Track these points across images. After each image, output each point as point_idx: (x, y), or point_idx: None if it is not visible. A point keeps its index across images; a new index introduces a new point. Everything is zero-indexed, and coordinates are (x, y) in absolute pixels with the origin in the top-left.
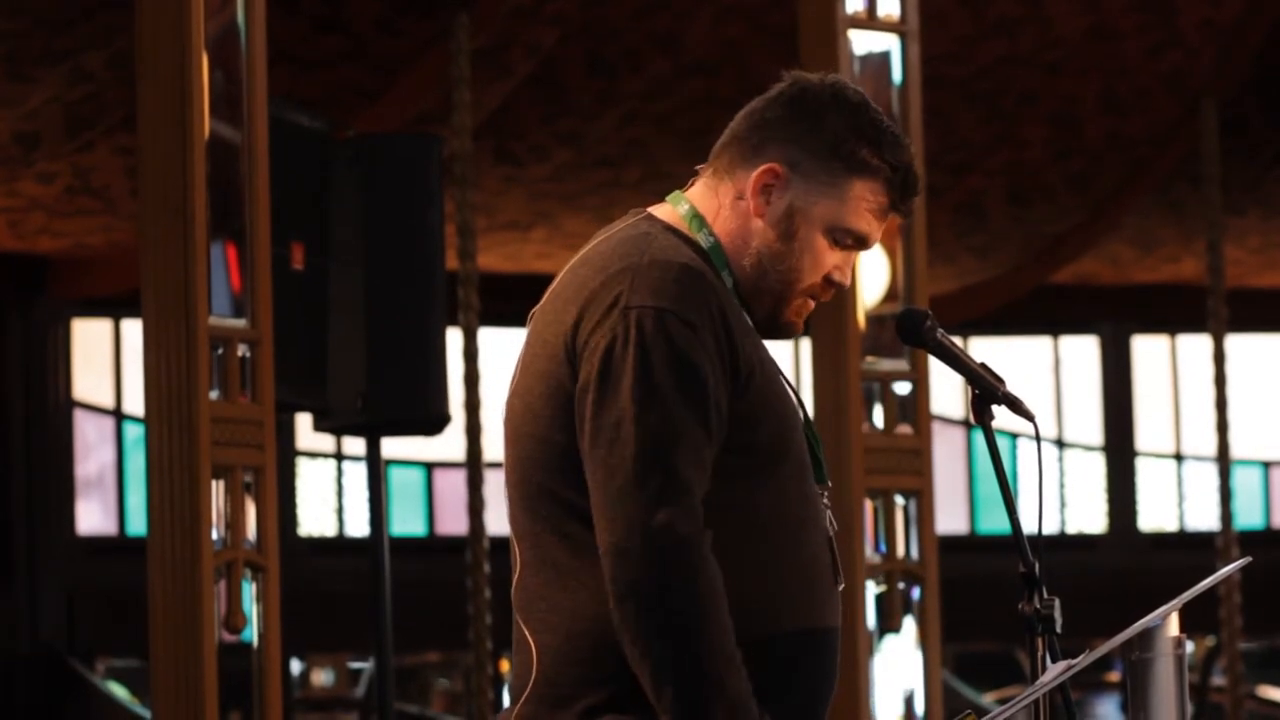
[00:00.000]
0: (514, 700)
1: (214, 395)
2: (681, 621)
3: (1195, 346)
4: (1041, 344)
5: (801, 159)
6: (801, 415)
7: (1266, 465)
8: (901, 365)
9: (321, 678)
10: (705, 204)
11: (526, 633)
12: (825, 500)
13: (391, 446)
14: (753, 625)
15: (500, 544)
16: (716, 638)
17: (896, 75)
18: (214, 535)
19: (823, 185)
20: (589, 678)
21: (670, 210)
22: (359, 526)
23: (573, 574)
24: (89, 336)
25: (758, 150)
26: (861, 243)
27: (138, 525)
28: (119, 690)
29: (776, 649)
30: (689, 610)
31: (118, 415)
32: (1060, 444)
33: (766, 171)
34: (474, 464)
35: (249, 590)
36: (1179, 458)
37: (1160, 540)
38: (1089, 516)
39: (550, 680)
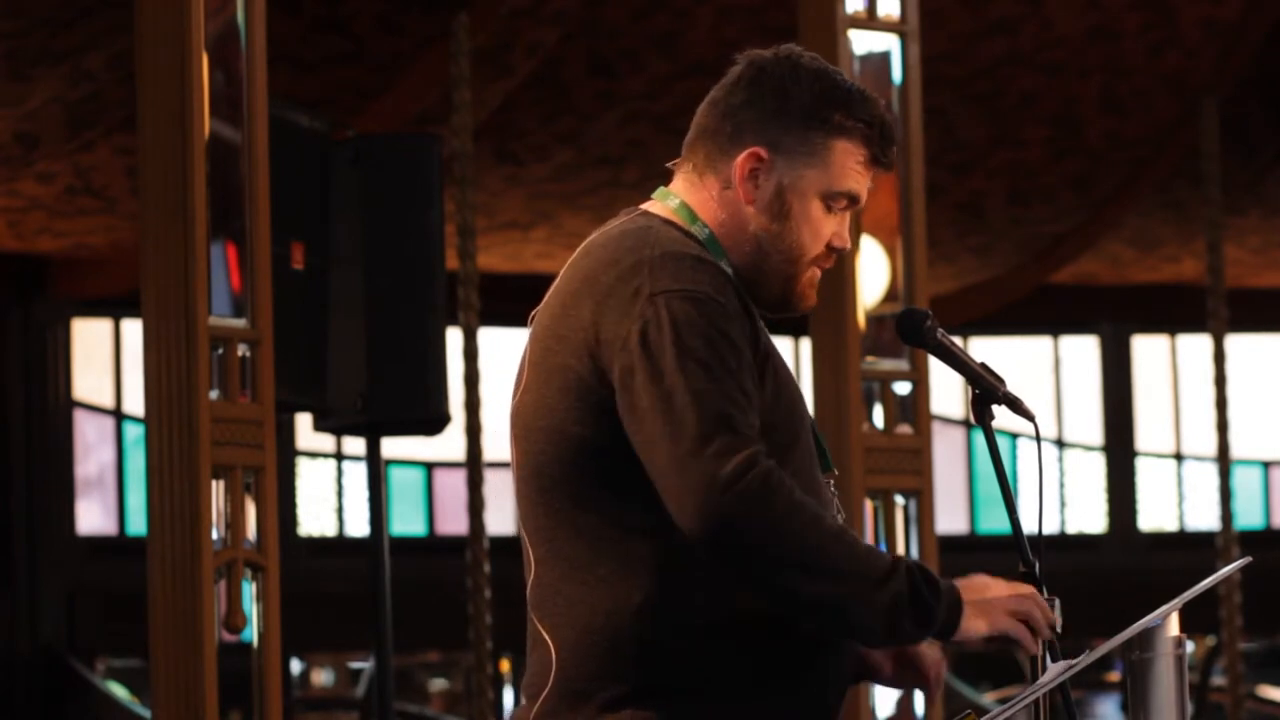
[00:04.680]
0: (531, 698)
1: (214, 395)
2: (799, 544)
3: (1195, 346)
4: (1041, 344)
5: (779, 137)
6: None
7: (1266, 465)
8: (901, 365)
9: (321, 678)
10: (692, 198)
11: (542, 630)
12: (832, 489)
13: (391, 446)
14: (765, 618)
15: (500, 544)
16: (829, 540)
17: (896, 75)
18: (214, 535)
19: (805, 157)
20: (607, 672)
21: (662, 206)
22: (359, 526)
23: (589, 568)
24: (89, 336)
25: (734, 139)
26: (854, 201)
27: (138, 525)
28: (119, 690)
29: (788, 642)
30: (799, 531)
31: (118, 415)
32: (1060, 444)
33: (750, 157)
34: (474, 464)
35: (249, 590)
36: (1179, 458)
37: (1160, 540)
38: (1089, 516)
39: (569, 676)
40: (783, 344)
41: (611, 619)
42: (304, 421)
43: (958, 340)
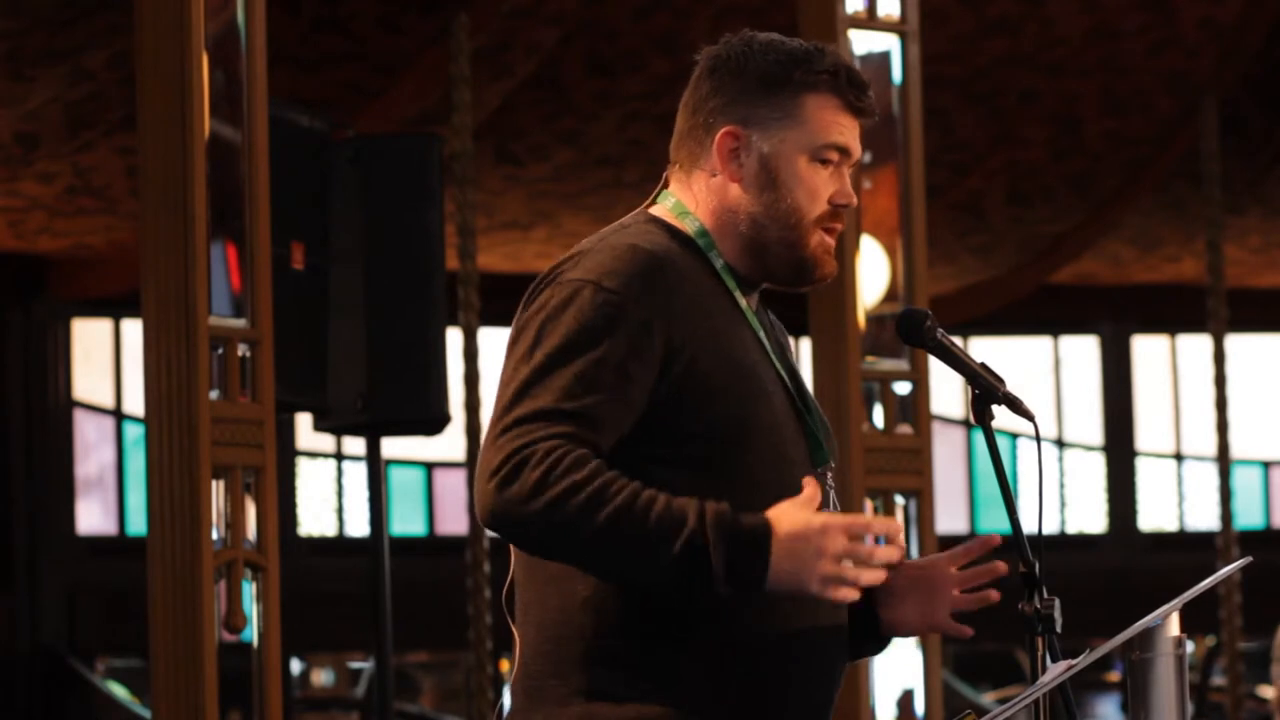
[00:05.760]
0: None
1: (214, 395)
2: (556, 540)
3: (1195, 346)
4: (1041, 344)
5: (749, 111)
6: (788, 396)
7: (1266, 465)
8: (901, 365)
9: (321, 678)
10: (685, 195)
11: (514, 631)
12: (830, 481)
13: (391, 446)
14: (730, 626)
15: (500, 544)
16: (591, 522)
17: (896, 75)
18: (214, 535)
19: (779, 121)
20: (559, 669)
21: (660, 206)
22: (359, 526)
23: (539, 565)
24: (89, 336)
25: (708, 128)
26: (845, 153)
27: (138, 525)
28: (119, 690)
29: (742, 642)
30: (553, 530)
31: (118, 415)
32: (1060, 444)
33: (726, 136)
34: (474, 464)
35: (249, 590)
36: (1179, 458)
37: (1160, 540)
38: (1089, 516)
39: (528, 673)
40: None
41: (560, 615)
42: (304, 421)
43: (958, 340)
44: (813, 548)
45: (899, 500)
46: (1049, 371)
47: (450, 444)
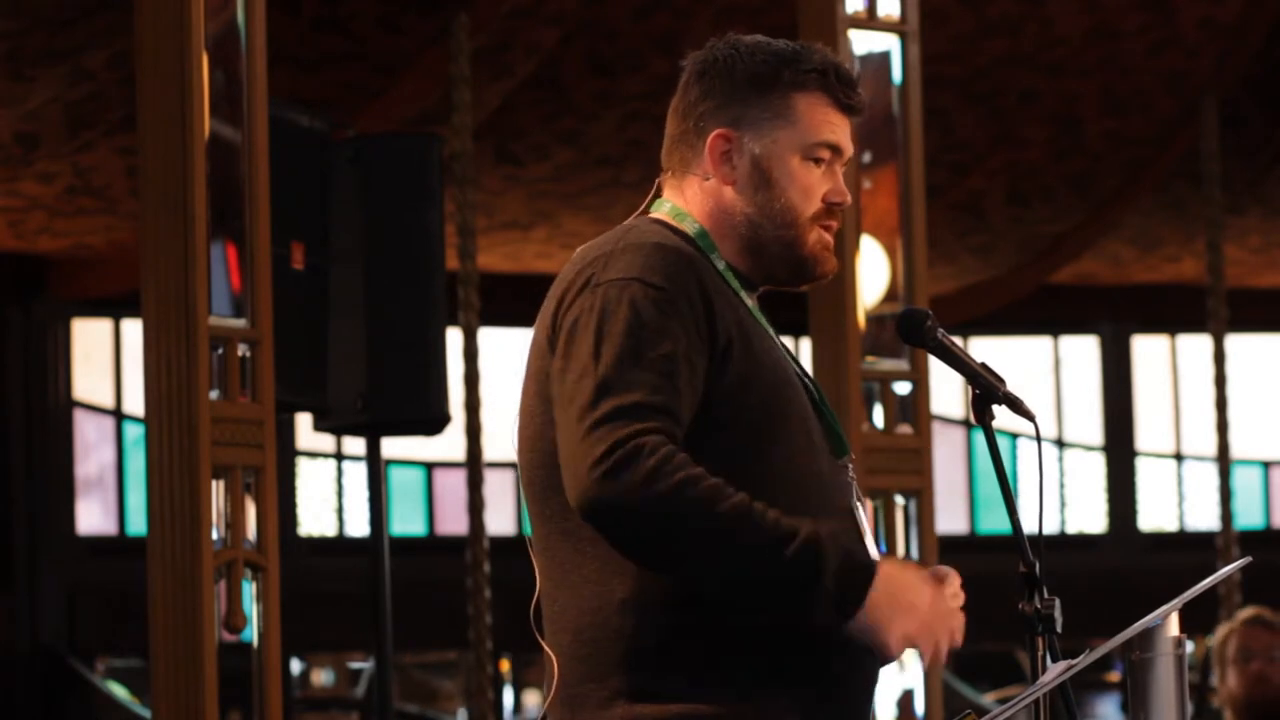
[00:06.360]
0: (542, 709)
1: (214, 395)
2: (671, 530)
3: (1195, 346)
4: (1041, 344)
5: (739, 113)
6: (806, 390)
7: (1266, 465)
8: (901, 365)
9: (321, 678)
10: (680, 200)
11: (545, 644)
12: (851, 474)
13: (391, 446)
14: (771, 624)
15: (500, 544)
16: (710, 514)
17: (896, 75)
18: (214, 535)
19: (770, 121)
20: (597, 672)
21: (658, 213)
22: (359, 526)
23: (575, 569)
24: (89, 336)
25: (700, 132)
26: (836, 151)
27: (138, 525)
28: (119, 690)
29: (781, 641)
30: (671, 519)
31: (118, 415)
32: (1060, 444)
33: (717, 139)
34: (474, 464)
35: (249, 590)
36: (1179, 458)
37: (1160, 540)
38: (1089, 516)
39: (566, 681)
40: (785, 344)
41: (597, 617)
42: (304, 421)
43: (958, 340)
44: (912, 603)
45: (899, 500)
46: (1049, 371)
47: (450, 444)
